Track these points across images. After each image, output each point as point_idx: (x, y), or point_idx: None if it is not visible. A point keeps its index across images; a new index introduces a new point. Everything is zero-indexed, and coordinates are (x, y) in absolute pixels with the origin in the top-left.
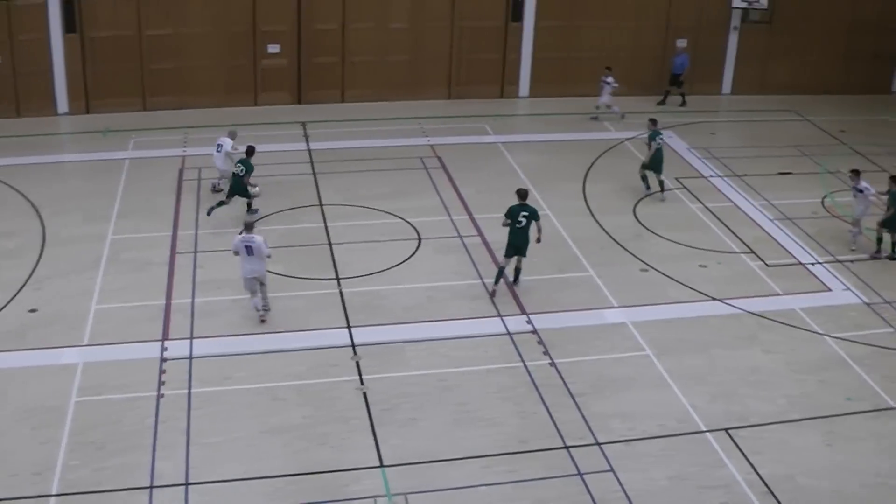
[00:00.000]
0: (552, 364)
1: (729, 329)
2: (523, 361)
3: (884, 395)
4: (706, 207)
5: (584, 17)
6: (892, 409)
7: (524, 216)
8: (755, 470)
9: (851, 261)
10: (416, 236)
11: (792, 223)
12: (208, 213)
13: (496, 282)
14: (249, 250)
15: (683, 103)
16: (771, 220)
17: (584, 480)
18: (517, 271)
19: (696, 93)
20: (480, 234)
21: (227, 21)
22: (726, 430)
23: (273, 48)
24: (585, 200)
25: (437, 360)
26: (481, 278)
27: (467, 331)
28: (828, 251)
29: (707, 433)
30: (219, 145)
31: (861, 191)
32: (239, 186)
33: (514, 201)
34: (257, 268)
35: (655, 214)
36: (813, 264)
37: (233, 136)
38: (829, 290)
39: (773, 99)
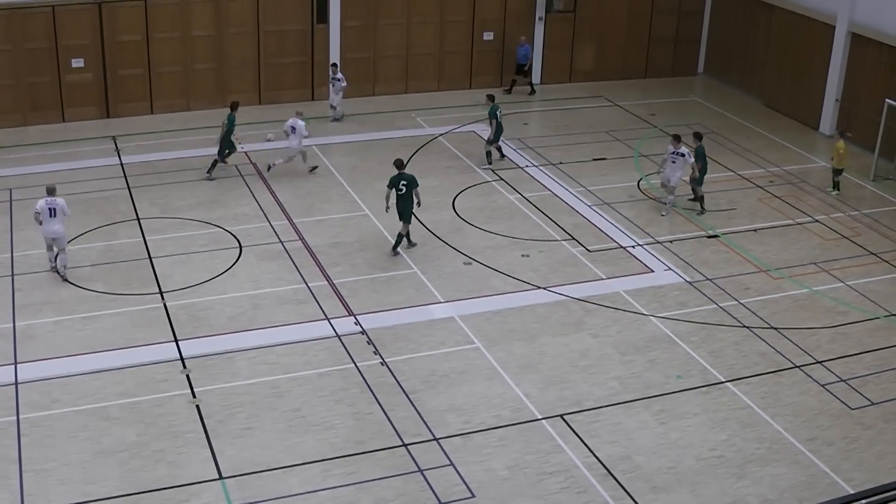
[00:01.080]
0: (383, 363)
1: (555, 316)
2: (354, 362)
3: (712, 370)
4: (524, 197)
5: (389, 15)
6: (721, 383)
7: (403, 185)
8: (592, 453)
9: (671, 241)
10: (236, 244)
11: (610, 207)
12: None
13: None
14: (53, 212)
15: (532, 91)
16: (589, 205)
17: (424, 476)
18: (399, 237)
19: (506, 84)
20: (301, 238)
21: (26, 38)
22: (561, 415)
23: (77, 62)
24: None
25: (268, 368)
26: (305, 282)
27: (296, 336)
28: (647, 233)
29: (542, 420)
30: (292, 127)
31: (682, 154)
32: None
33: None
34: (58, 228)
35: (474, 207)
36: (633, 247)
37: (300, 115)
38: (651, 271)
39: (582, 86)
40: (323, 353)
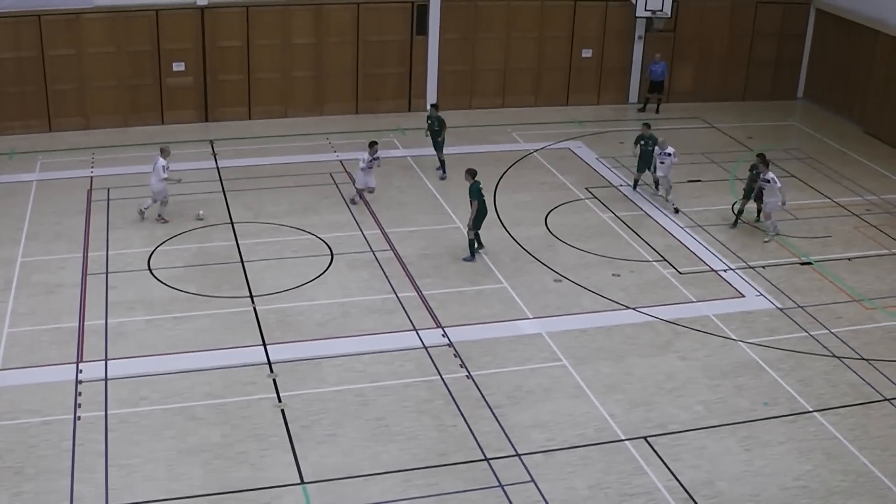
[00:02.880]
0: (469, 376)
1: (643, 337)
2: (440, 374)
3: (799, 398)
4: (617, 216)
5: (488, 29)
6: (808, 412)
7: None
8: (675, 476)
9: (763, 266)
10: (328, 252)
11: (702, 230)
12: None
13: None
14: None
15: (658, 110)
16: (682, 227)
17: (505, 492)
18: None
19: (604, 102)
20: (392, 248)
21: (129, 40)
22: (645, 437)
23: (178, 66)
24: (496, 211)
25: (354, 376)
26: (395, 292)
27: (383, 345)
28: (739, 257)
29: (626, 441)
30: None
31: (768, 181)
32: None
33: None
34: (151, 180)
35: (566, 224)
36: (725, 270)
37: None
38: (742, 295)
39: (679, 107)
40: (409, 363)
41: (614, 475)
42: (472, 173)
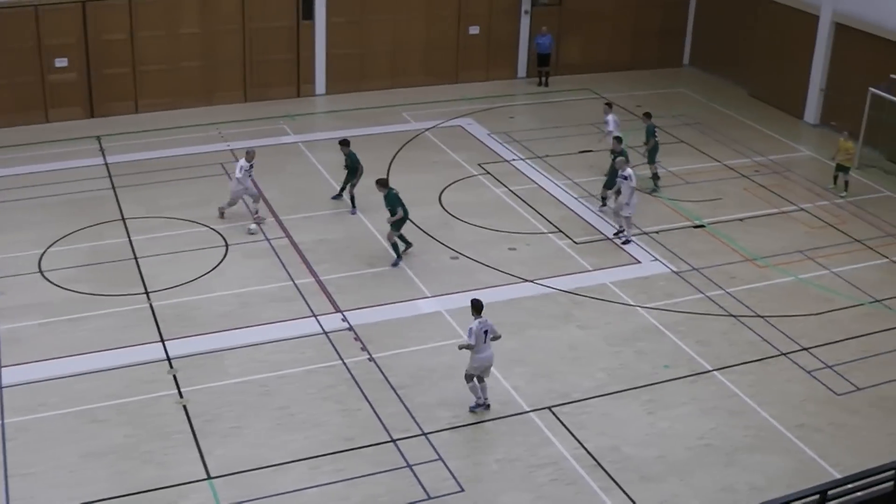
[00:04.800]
0: (371, 359)
1: (543, 309)
2: (342, 359)
3: (699, 359)
4: (511, 191)
5: (375, 11)
6: (708, 372)
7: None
8: (581, 444)
9: (657, 231)
10: (223, 243)
11: (596, 200)
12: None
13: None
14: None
15: (546, 83)
16: (576, 198)
17: (413, 472)
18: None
19: (494, 78)
20: (288, 235)
21: (8, 37)
22: (549, 408)
23: (61, 62)
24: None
25: (256, 366)
26: (292, 279)
27: (283, 333)
28: (634, 224)
29: (531, 413)
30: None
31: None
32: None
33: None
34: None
35: (461, 202)
36: (619, 237)
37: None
38: (638, 262)
39: (568, 79)
40: (311, 350)
41: (521, 447)
42: (384, 183)
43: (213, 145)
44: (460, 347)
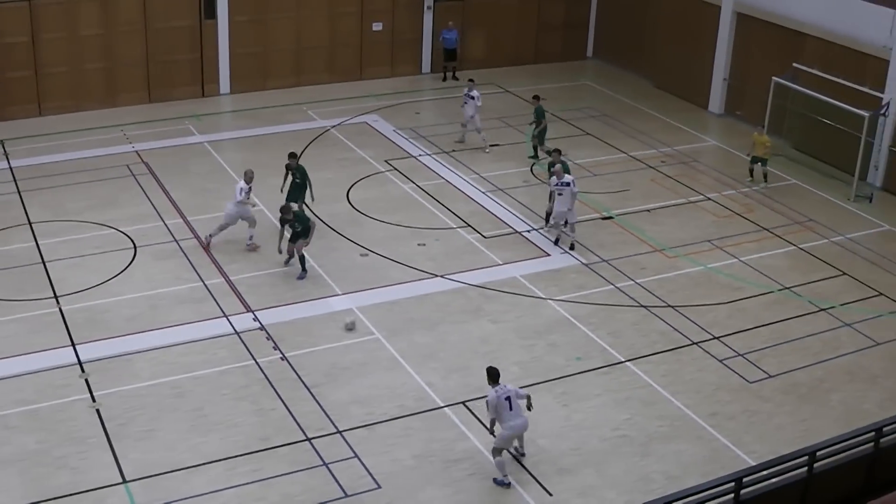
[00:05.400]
0: (284, 358)
1: (454, 304)
2: (255, 359)
3: (612, 350)
4: (418, 186)
5: (278, 9)
6: (621, 363)
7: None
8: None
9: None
10: (131, 245)
11: (504, 193)
12: None
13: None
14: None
15: (455, 77)
16: (483, 192)
17: (330, 470)
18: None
19: (398, 74)
20: (196, 236)
21: None
22: (464, 402)
23: None
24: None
25: (168, 368)
26: (202, 280)
27: (195, 335)
28: (542, 217)
29: (446, 408)
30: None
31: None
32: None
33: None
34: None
35: (369, 198)
36: (529, 231)
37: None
38: (548, 254)
39: (473, 74)
40: (223, 350)
41: (437, 443)
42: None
43: (118, 147)
44: (490, 431)
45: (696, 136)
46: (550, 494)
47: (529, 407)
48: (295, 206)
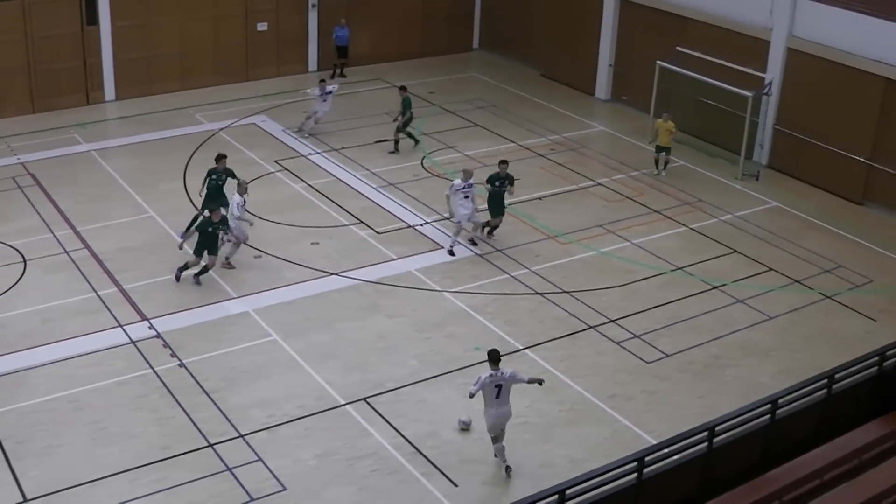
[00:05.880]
0: (182, 365)
1: (350, 301)
2: (152, 367)
3: (509, 339)
4: (309, 185)
5: (161, 13)
6: (519, 350)
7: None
8: (399, 433)
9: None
10: (20, 259)
11: (395, 188)
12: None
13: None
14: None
15: (343, 74)
16: (374, 188)
17: (234, 475)
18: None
19: (285, 74)
20: (87, 246)
21: None
22: (365, 399)
23: None
24: (188, 196)
25: (64, 382)
26: (95, 291)
27: (90, 346)
28: (434, 210)
29: (347, 406)
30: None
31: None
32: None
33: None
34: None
35: (261, 200)
36: (422, 225)
37: None
38: (442, 247)
39: (360, 69)
40: (120, 361)
41: (340, 441)
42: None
43: (3, 159)
44: (470, 395)
45: (584, 122)
46: (456, 485)
47: (541, 382)
48: (224, 212)
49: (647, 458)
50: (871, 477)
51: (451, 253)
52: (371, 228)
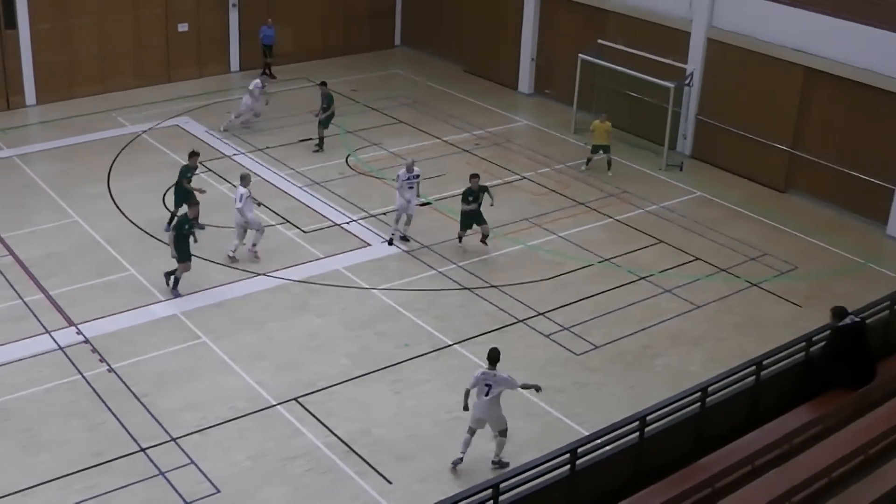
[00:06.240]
0: (111, 370)
1: (279, 301)
2: (81, 373)
3: (439, 334)
4: (235, 186)
5: (80, 15)
6: (449, 346)
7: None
8: (332, 432)
9: (384, 213)
10: None
11: (320, 186)
12: None
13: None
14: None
15: (271, 74)
16: (300, 187)
17: (167, 479)
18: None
19: (207, 74)
20: (12, 252)
21: None
22: (296, 399)
23: None
24: (113, 200)
25: None
26: (21, 297)
27: (17, 354)
28: (360, 208)
29: (278, 406)
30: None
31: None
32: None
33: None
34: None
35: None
36: (348, 223)
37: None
38: (369, 244)
39: (284, 69)
40: (47, 367)
41: (272, 441)
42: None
43: None
44: (466, 391)
45: (508, 116)
46: (390, 482)
47: (538, 388)
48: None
49: (579, 450)
50: (802, 461)
51: (390, 242)
52: (298, 228)
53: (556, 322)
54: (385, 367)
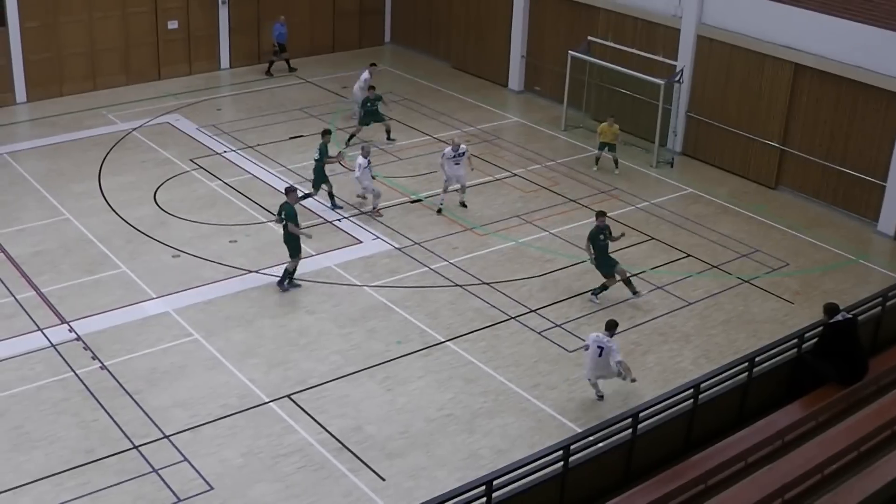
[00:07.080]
0: (103, 367)
1: (269, 298)
2: (73, 370)
3: (430, 331)
4: (225, 183)
5: (69, 13)
6: (440, 343)
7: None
8: (324, 428)
9: (375, 209)
10: None
11: (311, 184)
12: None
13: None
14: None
15: (291, 69)
16: (291, 184)
17: (160, 476)
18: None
19: (197, 72)
20: (3, 250)
21: None
22: (288, 396)
23: None
24: (104, 196)
25: None
26: (12, 295)
27: (8, 351)
28: (351, 205)
29: (270, 403)
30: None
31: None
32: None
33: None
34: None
35: (176, 199)
36: (339, 220)
37: None
38: (360, 241)
39: (274, 66)
40: (39, 365)
41: (265, 438)
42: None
43: None
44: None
45: (498, 113)
46: (383, 479)
47: (625, 377)
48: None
49: (572, 447)
50: (794, 457)
51: (439, 212)
52: None
53: (548, 319)
54: (376, 364)
